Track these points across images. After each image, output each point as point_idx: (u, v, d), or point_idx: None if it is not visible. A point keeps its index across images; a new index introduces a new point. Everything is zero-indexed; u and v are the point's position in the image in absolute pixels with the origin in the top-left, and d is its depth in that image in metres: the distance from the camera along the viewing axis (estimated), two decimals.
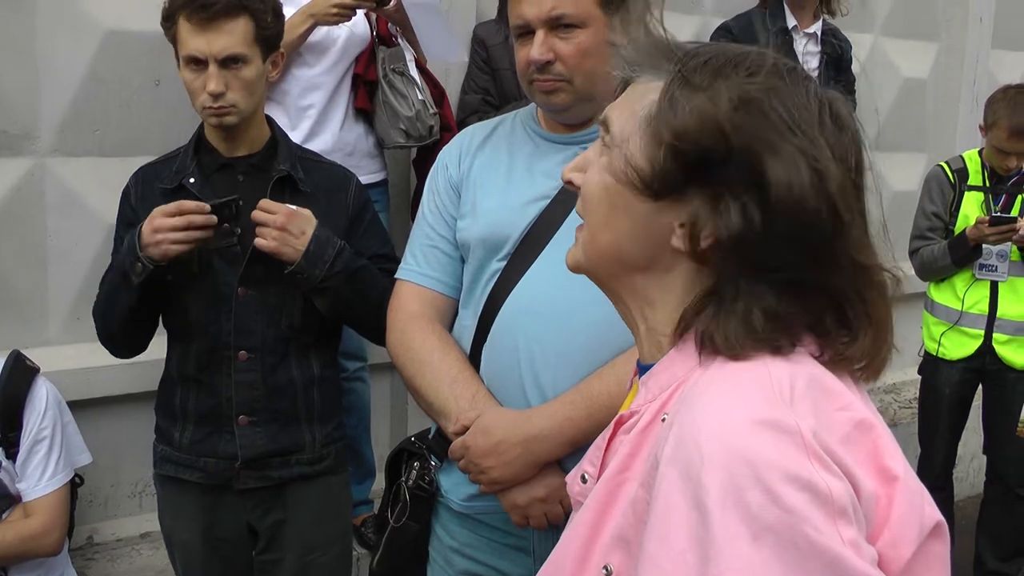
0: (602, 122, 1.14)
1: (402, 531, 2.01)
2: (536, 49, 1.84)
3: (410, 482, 1.99)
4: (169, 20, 2.30)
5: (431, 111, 3.40)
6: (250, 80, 2.29)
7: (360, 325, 2.43)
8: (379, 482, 3.63)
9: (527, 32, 1.86)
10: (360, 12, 3.25)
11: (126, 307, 2.30)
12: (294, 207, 2.27)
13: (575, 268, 1.18)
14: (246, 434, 2.36)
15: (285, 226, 2.22)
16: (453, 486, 1.96)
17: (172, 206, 2.20)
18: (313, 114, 3.27)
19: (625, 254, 1.10)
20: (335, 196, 2.42)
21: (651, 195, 1.05)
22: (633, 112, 1.09)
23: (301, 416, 2.41)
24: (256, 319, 2.34)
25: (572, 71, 1.84)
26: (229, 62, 2.26)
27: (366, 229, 2.45)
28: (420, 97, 3.38)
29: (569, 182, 1.19)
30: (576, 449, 1.81)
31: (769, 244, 1.00)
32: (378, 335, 2.11)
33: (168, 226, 2.17)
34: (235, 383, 2.35)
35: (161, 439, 2.47)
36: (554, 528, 1.84)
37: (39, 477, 2.62)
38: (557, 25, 1.83)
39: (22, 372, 2.65)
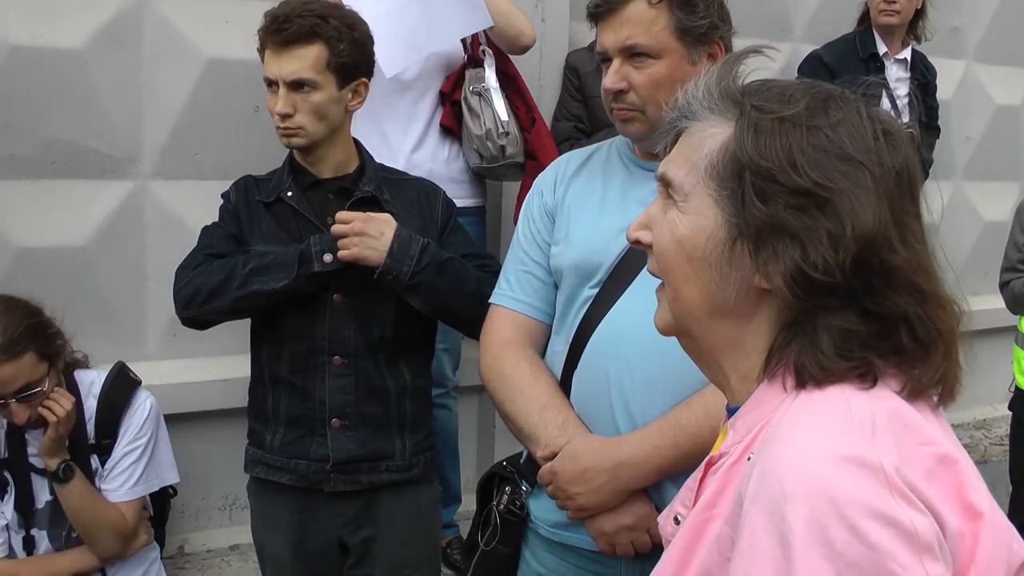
0: (660, 179, 1.14)
1: (492, 555, 2.02)
2: (609, 77, 1.87)
3: (501, 506, 2.01)
4: (261, 47, 2.38)
5: (501, 131, 3.34)
6: (318, 105, 2.33)
7: (459, 318, 2.40)
8: (465, 504, 3.66)
9: (608, 60, 1.89)
10: (456, 37, 3.29)
11: (274, 291, 2.30)
12: (370, 213, 2.31)
13: (666, 330, 1.17)
14: (337, 437, 2.40)
15: (363, 231, 2.27)
16: (542, 511, 1.97)
17: None
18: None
19: (714, 304, 1.09)
20: (425, 210, 2.47)
21: (728, 239, 1.06)
22: (692, 164, 1.09)
23: (392, 423, 2.45)
24: (349, 326, 2.38)
25: (645, 101, 1.85)
26: (297, 86, 2.31)
27: (451, 234, 2.49)
28: (494, 117, 3.34)
29: (637, 241, 1.17)
30: (662, 478, 1.81)
31: (843, 272, 1.00)
32: (478, 327, 2.11)
33: None
34: (329, 388, 2.39)
35: (253, 442, 2.51)
36: (641, 557, 1.84)
37: (119, 484, 2.69)
38: (632, 54, 1.85)
39: (124, 383, 2.73)
